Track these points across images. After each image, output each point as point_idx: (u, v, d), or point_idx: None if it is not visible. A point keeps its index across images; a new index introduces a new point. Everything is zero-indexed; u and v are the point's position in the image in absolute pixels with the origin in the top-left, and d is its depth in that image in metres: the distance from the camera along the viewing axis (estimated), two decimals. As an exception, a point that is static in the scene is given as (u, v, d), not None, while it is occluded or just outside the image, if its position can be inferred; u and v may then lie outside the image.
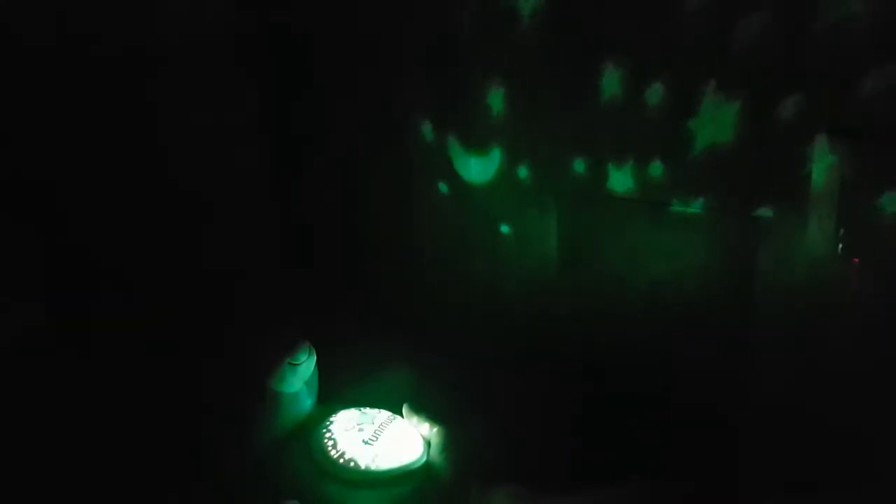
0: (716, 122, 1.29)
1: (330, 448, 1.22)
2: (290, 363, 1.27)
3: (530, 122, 1.49)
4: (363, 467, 1.19)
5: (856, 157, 1.14)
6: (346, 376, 1.47)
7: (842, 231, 1.17)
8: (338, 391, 1.42)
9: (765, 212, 1.28)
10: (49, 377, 1.44)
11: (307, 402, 1.33)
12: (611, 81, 1.36)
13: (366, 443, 1.23)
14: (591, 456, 1.41)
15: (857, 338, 1.22)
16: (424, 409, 1.33)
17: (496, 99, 1.50)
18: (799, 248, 1.24)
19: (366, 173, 1.74)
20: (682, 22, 1.26)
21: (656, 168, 1.37)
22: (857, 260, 1.16)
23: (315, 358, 1.32)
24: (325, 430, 1.26)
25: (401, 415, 1.33)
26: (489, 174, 1.57)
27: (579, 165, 1.46)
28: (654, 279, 1.46)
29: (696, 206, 1.37)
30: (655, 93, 1.32)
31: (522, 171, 1.53)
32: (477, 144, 1.56)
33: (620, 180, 1.41)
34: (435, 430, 1.28)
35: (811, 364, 1.30)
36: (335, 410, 1.32)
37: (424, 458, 1.25)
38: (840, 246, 1.18)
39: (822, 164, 1.18)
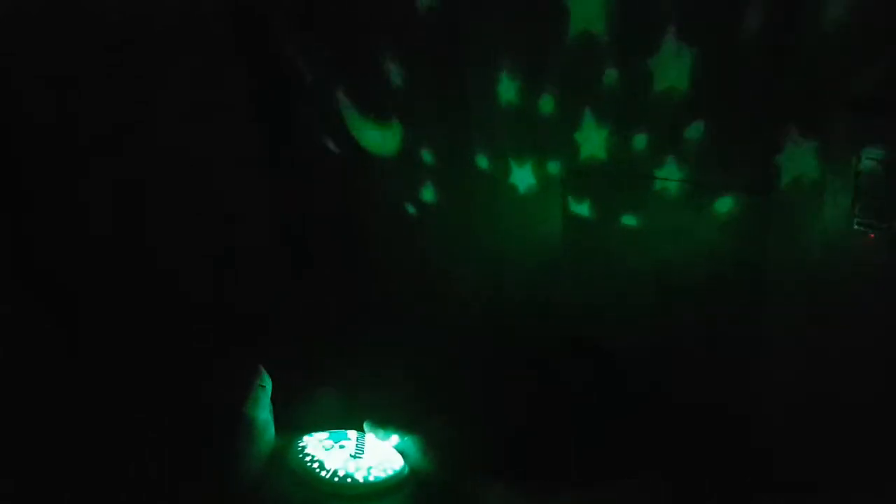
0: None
1: (318, 469, 1.19)
2: (260, 385, 1.26)
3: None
4: (361, 480, 1.17)
5: (870, 127, 1.10)
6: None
7: (857, 206, 1.13)
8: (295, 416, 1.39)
9: (775, 189, 1.25)
10: (41, 381, 1.44)
11: (272, 431, 1.30)
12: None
13: (353, 456, 1.22)
14: (589, 451, 1.38)
15: (874, 323, 1.18)
16: (387, 420, 1.32)
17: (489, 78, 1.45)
18: (813, 224, 1.20)
19: (363, 170, 1.72)
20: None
21: (649, 140, 1.35)
22: (872, 236, 1.12)
23: (271, 383, 1.30)
24: (303, 455, 1.23)
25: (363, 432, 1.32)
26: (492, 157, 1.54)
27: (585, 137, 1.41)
28: (659, 261, 1.42)
29: (698, 180, 1.33)
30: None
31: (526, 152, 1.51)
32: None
33: (623, 150, 1.40)
34: (403, 438, 1.28)
35: (824, 352, 1.26)
36: (299, 437, 1.29)
37: (406, 467, 1.24)
38: (856, 221, 1.14)
39: (836, 136, 1.15)
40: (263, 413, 1.27)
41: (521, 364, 1.56)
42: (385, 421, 1.31)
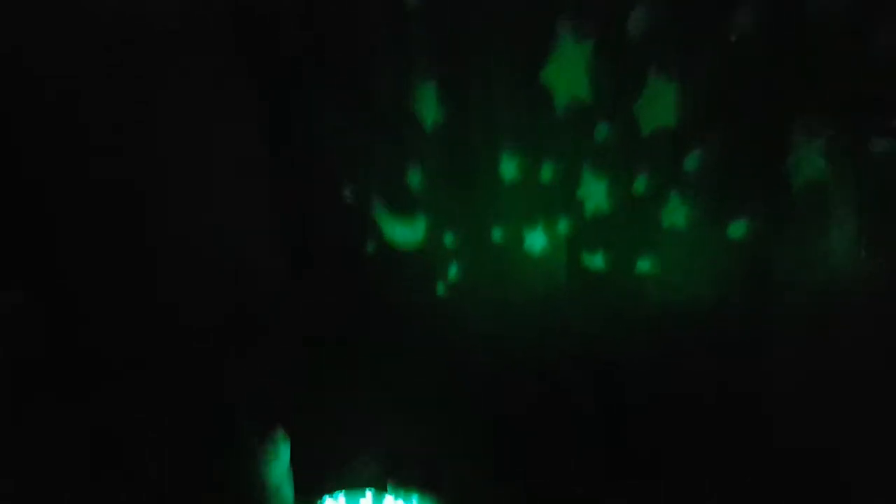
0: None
1: None
2: (269, 450, 1.30)
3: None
4: None
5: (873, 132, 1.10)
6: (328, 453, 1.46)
7: (865, 216, 1.13)
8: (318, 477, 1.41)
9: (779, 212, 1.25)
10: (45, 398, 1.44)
11: (289, 493, 1.32)
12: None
13: None
14: (590, 451, 1.38)
15: (876, 334, 1.18)
16: (408, 481, 1.36)
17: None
18: (818, 250, 1.20)
19: (368, 179, 1.73)
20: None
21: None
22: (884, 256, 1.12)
23: (289, 444, 1.33)
24: None
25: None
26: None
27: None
28: (663, 284, 1.43)
29: (700, 205, 1.34)
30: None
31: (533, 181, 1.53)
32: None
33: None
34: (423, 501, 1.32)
35: (825, 356, 1.26)
36: (321, 499, 1.33)
37: None
38: (864, 243, 1.13)
39: (838, 157, 1.14)
40: (275, 477, 1.28)
41: (523, 375, 1.56)
42: (407, 482, 1.35)
